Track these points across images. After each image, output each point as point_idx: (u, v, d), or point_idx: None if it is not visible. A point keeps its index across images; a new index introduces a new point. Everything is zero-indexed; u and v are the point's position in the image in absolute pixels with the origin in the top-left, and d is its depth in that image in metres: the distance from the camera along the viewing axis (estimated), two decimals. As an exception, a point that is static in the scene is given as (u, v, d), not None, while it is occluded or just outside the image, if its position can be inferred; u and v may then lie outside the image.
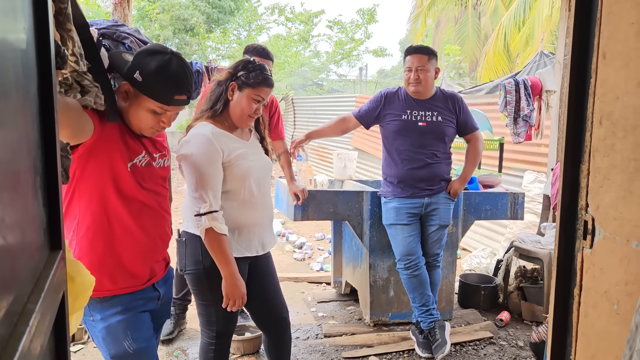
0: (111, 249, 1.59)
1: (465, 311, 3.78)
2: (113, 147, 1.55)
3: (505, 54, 11.71)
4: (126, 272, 1.62)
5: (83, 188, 1.54)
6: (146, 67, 1.53)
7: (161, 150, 1.73)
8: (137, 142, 1.62)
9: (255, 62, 2.05)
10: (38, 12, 0.82)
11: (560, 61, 4.20)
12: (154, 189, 1.67)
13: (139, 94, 1.55)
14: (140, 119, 1.58)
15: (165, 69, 1.54)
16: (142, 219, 1.63)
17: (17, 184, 0.65)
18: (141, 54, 1.55)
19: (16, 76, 0.67)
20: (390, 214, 3.17)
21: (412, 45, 3.17)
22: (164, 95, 1.55)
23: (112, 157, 1.55)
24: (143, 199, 1.62)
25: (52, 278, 0.76)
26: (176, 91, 1.57)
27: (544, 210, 4.35)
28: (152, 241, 1.68)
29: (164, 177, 1.75)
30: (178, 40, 15.58)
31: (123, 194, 1.58)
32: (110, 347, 1.61)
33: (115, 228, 1.58)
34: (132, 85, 1.54)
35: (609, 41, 1.16)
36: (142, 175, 1.62)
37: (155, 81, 1.53)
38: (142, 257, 1.66)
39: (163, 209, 1.72)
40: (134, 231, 1.61)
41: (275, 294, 2.22)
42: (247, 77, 2.00)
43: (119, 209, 1.58)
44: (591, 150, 1.21)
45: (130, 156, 1.59)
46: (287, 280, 4.44)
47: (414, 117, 3.08)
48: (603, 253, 1.19)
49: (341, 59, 18.48)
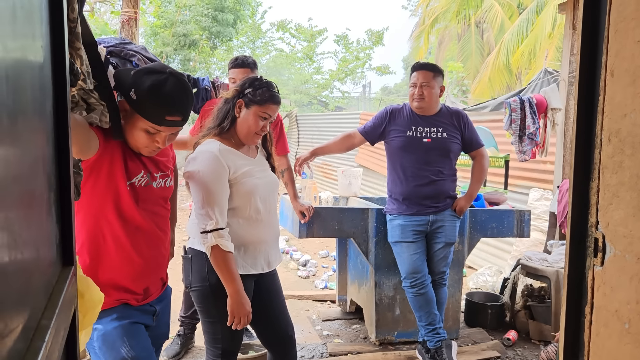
0: (105, 266, 1.59)
1: (472, 330, 3.74)
2: (114, 164, 1.55)
3: (507, 69, 11.77)
4: (119, 289, 1.62)
5: (80, 204, 1.54)
6: (141, 86, 1.51)
7: (164, 170, 1.73)
8: (138, 162, 1.63)
9: (262, 80, 2.07)
10: (54, 31, 0.84)
11: (564, 79, 4.22)
12: (151, 209, 1.67)
13: (133, 112, 1.54)
14: (135, 137, 1.57)
15: (158, 89, 1.51)
16: (138, 240, 1.63)
17: (34, 200, 0.66)
18: (139, 73, 1.55)
19: (33, 93, 0.68)
20: (396, 231, 3.16)
21: (418, 62, 3.19)
22: (156, 116, 1.52)
23: (112, 175, 1.55)
24: (139, 219, 1.62)
25: (64, 294, 0.76)
26: (168, 112, 1.53)
27: (550, 227, 4.33)
28: (146, 262, 1.67)
29: (165, 197, 1.74)
30: (181, 57, 15.73)
31: (120, 212, 1.58)
32: (107, 356, 1.58)
33: (110, 246, 1.58)
34: (127, 103, 1.54)
35: (616, 59, 1.17)
36: (140, 195, 1.62)
37: (147, 100, 1.51)
38: (136, 278, 1.65)
39: (160, 230, 1.71)
40: (128, 251, 1.61)
41: (281, 312, 2.20)
42: (253, 95, 2.01)
43: (115, 227, 1.58)
44: (600, 167, 1.21)
45: (129, 175, 1.59)
46: (292, 298, 4.41)
47: (419, 134, 3.09)
48: (613, 271, 1.18)
49: (345, 77, 18.61)
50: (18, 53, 0.57)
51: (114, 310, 1.61)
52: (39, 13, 0.74)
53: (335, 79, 18.29)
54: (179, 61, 15.91)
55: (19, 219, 0.57)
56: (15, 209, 0.55)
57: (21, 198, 0.58)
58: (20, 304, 0.56)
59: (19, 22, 0.57)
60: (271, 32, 18.33)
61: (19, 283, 0.56)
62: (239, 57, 3.22)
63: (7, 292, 0.51)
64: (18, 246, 0.56)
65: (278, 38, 18.10)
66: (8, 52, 0.52)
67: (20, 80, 0.58)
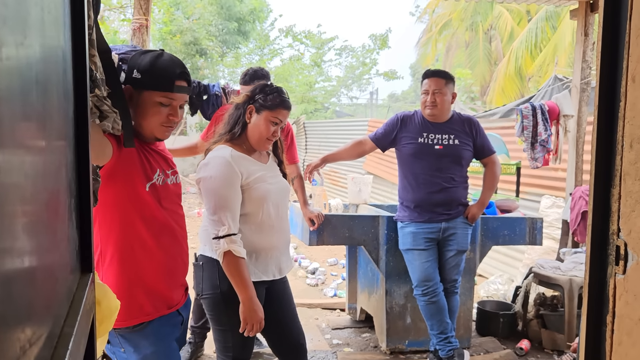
0: (136, 274, 1.57)
1: (484, 339, 3.70)
2: (131, 169, 1.55)
3: (517, 77, 11.75)
4: (153, 295, 1.61)
5: (103, 216, 1.53)
6: (142, 63, 1.55)
7: (173, 167, 1.74)
8: (153, 161, 1.63)
9: (273, 85, 2.07)
10: (75, 37, 0.84)
11: (576, 85, 4.19)
12: (171, 208, 1.67)
13: (141, 91, 1.55)
14: (150, 118, 1.57)
15: (158, 59, 1.57)
16: (163, 239, 1.62)
17: (58, 206, 0.65)
18: (134, 57, 1.58)
19: (58, 99, 0.68)
20: (407, 238, 3.14)
21: (430, 69, 3.18)
22: (165, 83, 1.55)
23: (131, 180, 1.55)
24: (163, 219, 1.62)
25: (85, 301, 0.76)
26: (174, 75, 1.57)
27: (563, 235, 4.29)
28: (174, 260, 1.67)
29: (178, 194, 1.75)
30: (190, 64, 15.83)
31: (144, 216, 1.58)
32: None
33: (138, 252, 1.57)
34: (133, 86, 1.56)
35: (638, 64, 1.15)
36: (160, 194, 1.62)
37: (153, 71, 1.55)
38: (165, 278, 1.65)
39: (181, 227, 1.71)
40: (155, 252, 1.60)
41: (292, 320, 2.19)
42: (264, 100, 2.01)
43: (141, 232, 1.57)
44: (622, 174, 1.19)
45: (148, 176, 1.58)
46: (301, 306, 4.39)
47: (430, 140, 3.07)
48: (637, 279, 1.16)
49: (352, 83, 18.62)
50: (46, 58, 0.57)
51: (151, 331, 1.59)
52: (63, 19, 0.74)
53: (342, 85, 18.32)
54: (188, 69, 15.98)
55: (45, 224, 0.56)
56: (42, 215, 0.55)
57: (47, 204, 0.57)
58: (46, 311, 0.55)
59: (47, 27, 0.57)
60: (280, 39, 18.40)
61: (45, 289, 0.55)
62: (248, 72, 3.20)
63: (34, 298, 0.50)
64: (43, 252, 0.55)
65: (288, 45, 18.15)
66: (38, 57, 0.52)
67: (49, 85, 0.58)
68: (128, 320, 1.54)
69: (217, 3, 16.17)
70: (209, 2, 15.97)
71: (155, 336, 1.60)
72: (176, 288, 1.70)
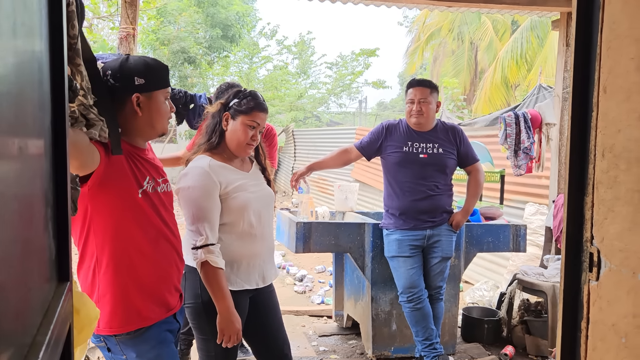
0: (133, 279, 1.57)
1: (469, 345, 3.72)
2: (122, 176, 1.55)
3: (504, 86, 11.90)
4: (152, 299, 1.61)
5: (97, 224, 1.53)
6: (138, 70, 1.58)
7: (163, 175, 1.74)
8: (142, 168, 1.63)
9: (246, 90, 2.08)
10: (54, 48, 0.85)
11: (559, 94, 4.26)
12: (164, 214, 1.67)
13: (150, 95, 1.60)
14: (160, 115, 1.64)
15: (148, 62, 1.63)
16: (159, 245, 1.63)
17: (31, 216, 0.66)
18: (122, 67, 1.59)
19: (33, 109, 0.69)
20: (392, 246, 3.16)
21: (415, 78, 3.23)
22: (165, 79, 1.66)
23: (123, 187, 1.55)
24: (157, 225, 1.62)
25: (60, 310, 0.76)
26: (167, 71, 1.70)
27: (547, 242, 4.33)
28: (169, 265, 1.67)
29: (170, 202, 1.76)
30: (178, 74, 15.80)
31: (139, 222, 1.58)
32: None
33: (135, 258, 1.57)
34: (140, 91, 1.59)
35: (609, 75, 1.19)
36: (153, 201, 1.63)
37: (154, 73, 1.62)
38: (163, 282, 1.65)
39: (174, 234, 1.72)
40: (152, 257, 1.60)
41: (277, 329, 2.18)
42: (239, 105, 2.01)
43: (136, 238, 1.57)
44: (594, 182, 1.22)
45: (139, 183, 1.59)
46: (288, 313, 4.39)
47: (415, 149, 3.11)
48: (610, 285, 1.19)
49: (340, 92, 18.71)
50: (19, 69, 0.58)
51: (150, 336, 1.59)
52: (39, 30, 0.75)
53: (331, 93, 18.39)
54: (176, 78, 15.97)
55: (16, 234, 0.57)
56: (13, 225, 0.56)
57: (19, 213, 0.58)
58: (17, 320, 0.56)
59: (19, 39, 0.58)
60: (269, 47, 18.47)
61: (15, 299, 0.56)
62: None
63: (4, 308, 0.50)
64: (14, 262, 0.56)
65: (276, 53, 18.19)
66: (9, 69, 0.53)
67: (22, 95, 0.59)
68: (126, 325, 1.53)
69: (203, 11, 16.21)
70: (195, 10, 16.00)
71: (155, 339, 1.60)
72: (172, 292, 1.70)
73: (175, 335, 1.73)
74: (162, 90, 1.64)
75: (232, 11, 16.85)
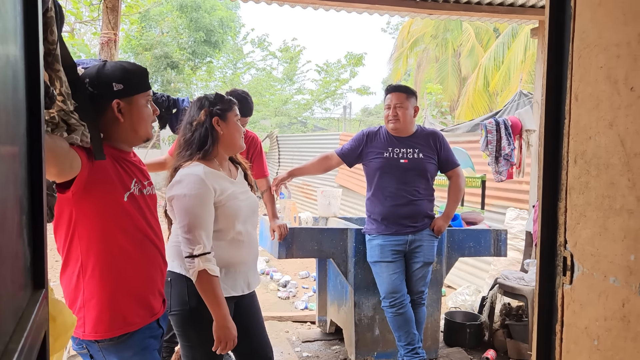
0: (119, 284, 1.56)
1: (451, 350, 3.75)
2: (107, 180, 1.54)
3: (486, 93, 12.06)
4: (137, 304, 1.60)
5: (82, 228, 1.51)
6: (115, 75, 1.58)
7: (148, 178, 1.74)
8: (128, 171, 1.62)
9: (217, 93, 2.15)
10: (29, 54, 0.85)
11: (538, 101, 4.33)
12: (149, 217, 1.67)
13: (130, 100, 1.60)
14: (142, 119, 1.64)
15: (126, 67, 1.63)
16: (144, 248, 1.62)
17: (4, 222, 0.66)
18: (99, 74, 1.58)
19: (7, 116, 0.69)
20: (375, 251, 3.18)
21: (392, 84, 3.27)
22: (144, 83, 1.65)
23: (108, 191, 1.53)
24: (143, 228, 1.62)
25: (34, 317, 0.76)
26: (146, 75, 1.68)
27: (527, 247, 4.39)
28: (154, 269, 1.66)
29: (154, 205, 1.75)
30: (162, 79, 15.72)
31: (124, 226, 1.57)
32: None
33: (120, 262, 1.55)
34: (120, 97, 1.58)
35: (580, 84, 1.22)
36: (139, 204, 1.62)
37: (132, 76, 1.61)
38: (148, 286, 1.64)
39: (158, 237, 1.71)
40: (137, 261, 1.59)
41: (260, 334, 2.19)
42: (223, 105, 2.07)
43: (122, 242, 1.56)
44: (567, 188, 1.25)
45: (125, 186, 1.58)
46: (271, 319, 4.38)
47: (396, 155, 3.14)
48: (582, 289, 1.21)
49: (325, 98, 18.78)
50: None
51: (133, 342, 1.58)
52: (14, 36, 0.75)
53: (316, 99, 18.46)
54: (160, 83, 15.88)
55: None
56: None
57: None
58: (-12, 328, 0.56)
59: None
60: (253, 53, 18.44)
61: (-13, 306, 0.56)
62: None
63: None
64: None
65: (261, 59, 18.21)
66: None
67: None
68: (111, 331, 1.52)
69: (186, 16, 16.17)
70: (178, 15, 15.96)
71: (139, 346, 1.59)
72: (156, 296, 1.69)
73: (159, 342, 1.71)
74: (143, 94, 1.63)
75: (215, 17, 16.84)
